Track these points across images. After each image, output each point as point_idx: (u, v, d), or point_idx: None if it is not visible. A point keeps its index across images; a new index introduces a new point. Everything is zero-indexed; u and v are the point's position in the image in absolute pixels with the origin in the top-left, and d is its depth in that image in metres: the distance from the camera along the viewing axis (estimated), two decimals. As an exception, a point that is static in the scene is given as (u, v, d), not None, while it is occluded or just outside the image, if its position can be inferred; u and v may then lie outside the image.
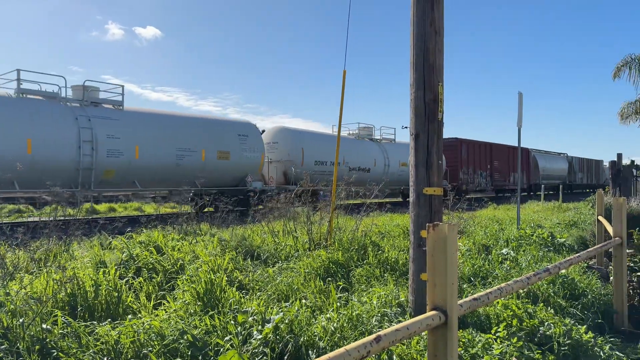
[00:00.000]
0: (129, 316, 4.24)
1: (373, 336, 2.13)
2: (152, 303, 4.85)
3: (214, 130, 18.32)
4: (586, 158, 50.14)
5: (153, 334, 3.77)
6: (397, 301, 4.84)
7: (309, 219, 8.21)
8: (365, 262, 6.51)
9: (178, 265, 5.97)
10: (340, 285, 5.60)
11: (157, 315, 4.32)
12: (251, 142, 19.00)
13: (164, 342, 3.68)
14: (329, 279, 5.76)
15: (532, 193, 36.98)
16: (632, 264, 6.03)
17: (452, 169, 29.27)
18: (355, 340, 3.46)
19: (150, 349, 3.66)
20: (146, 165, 15.45)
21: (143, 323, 3.88)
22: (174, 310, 4.43)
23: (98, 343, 3.70)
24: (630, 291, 5.89)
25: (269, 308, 4.34)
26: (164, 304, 4.75)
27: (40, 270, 5.49)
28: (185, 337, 3.71)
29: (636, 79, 13.80)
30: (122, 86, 16.20)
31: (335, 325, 4.06)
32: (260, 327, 3.84)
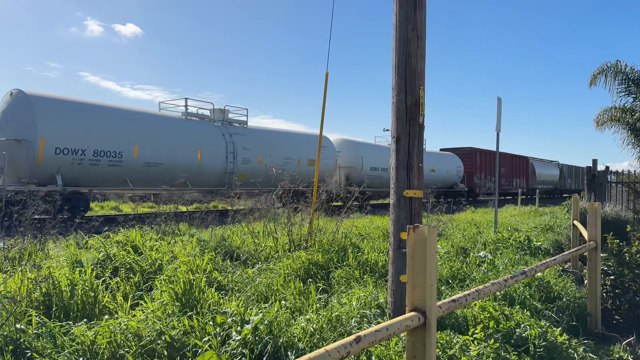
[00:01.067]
0: (106, 316, 4.18)
1: (353, 337, 2.13)
2: (129, 303, 4.79)
3: (305, 143, 23.16)
4: (574, 165, 54.57)
5: (130, 335, 3.73)
6: (376, 303, 4.86)
7: (290, 220, 8.21)
8: (345, 263, 6.53)
9: (156, 266, 5.91)
10: (320, 286, 5.61)
11: (134, 315, 4.26)
12: (328, 152, 23.20)
13: (141, 343, 3.64)
14: (309, 280, 5.76)
15: (529, 196, 40.28)
16: (605, 268, 6.14)
17: (468, 174, 34.09)
18: (335, 341, 3.47)
19: (127, 349, 3.62)
20: (264, 171, 19.62)
21: (120, 323, 3.83)
22: (152, 310, 4.38)
23: (73, 343, 3.64)
24: (604, 294, 6.00)
25: (248, 309, 4.32)
26: (141, 304, 4.70)
27: (14, 269, 5.38)
28: (163, 337, 3.67)
29: (611, 86, 14.08)
30: (247, 109, 21.55)
31: (314, 326, 4.07)
32: (239, 328, 3.82)
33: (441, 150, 35.10)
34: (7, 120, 14.47)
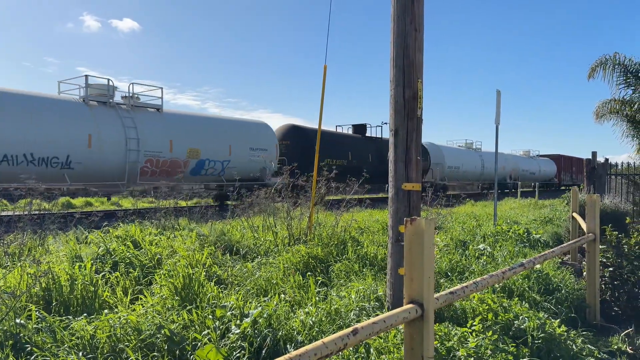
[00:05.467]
0: (105, 311, 4.19)
1: (350, 329, 2.14)
2: (128, 298, 4.80)
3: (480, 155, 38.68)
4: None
5: (130, 329, 3.74)
6: (375, 295, 4.88)
7: (289, 214, 8.21)
8: (344, 257, 6.54)
9: (155, 260, 5.92)
10: (319, 280, 5.62)
11: (134, 309, 4.28)
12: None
13: (141, 337, 3.65)
14: (309, 273, 5.77)
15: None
16: (604, 260, 6.16)
17: (558, 172, 50.94)
18: (334, 334, 3.48)
19: (127, 343, 3.63)
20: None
21: (119, 318, 3.84)
22: (151, 305, 4.40)
23: (73, 338, 3.66)
24: (603, 286, 6.01)
25: (248, 303, 4.33)
26: (141, 298, 4.71)
27: (14, 264, 5.39)
28: (163, 331, 3.69)
29: (610, 78, 14.02)
30: (481, 142, 35.63)
31: (313, 319, 4.08)
32: (238, 322, 3.83)
33: (539, 156, 50.19)
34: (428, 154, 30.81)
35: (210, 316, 4.01)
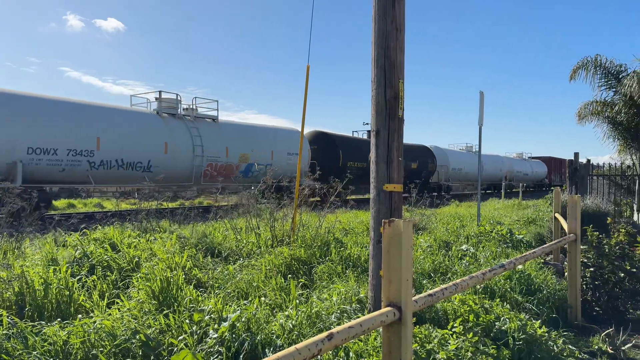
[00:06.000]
0: (80, 316, 4.09)
1: (325, 334, 2.08)
2: (105, 302, 4.70)
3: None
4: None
5: (104, 334, 3.64)
6: (356, 298, 4.83)
7: (272, 216, 8.13)
8: (327, 258, 6.49)
9: (134, 263, 5.82)
10: (301, 282, 5.56)
11: (109, 314, 4.18)
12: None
13: (116, 342, 3.56)
14: (291, 276, 5.71)
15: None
16: (585, 260, 6.18)
17: (548, 173, 54.59)
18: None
19: (101, 349, 3.53)
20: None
21: (94, 322, 3.74)
22: (128, 309, 4.30)
23: (45, 344, 3.55)
24: (584, 286, 6.04)
25: (227, 306, 4.26)
26: (117, 302, 4.61)
27: (-13, 268, 5.24)
28: (138, 336, 3.60)
29: (592, 80, 14.11)
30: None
31: (293, 322, 4.02)
32: (216, 326, 3.76)
33: (531, 158, 53.45)
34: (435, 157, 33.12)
35: (187, 320, 3.93)
